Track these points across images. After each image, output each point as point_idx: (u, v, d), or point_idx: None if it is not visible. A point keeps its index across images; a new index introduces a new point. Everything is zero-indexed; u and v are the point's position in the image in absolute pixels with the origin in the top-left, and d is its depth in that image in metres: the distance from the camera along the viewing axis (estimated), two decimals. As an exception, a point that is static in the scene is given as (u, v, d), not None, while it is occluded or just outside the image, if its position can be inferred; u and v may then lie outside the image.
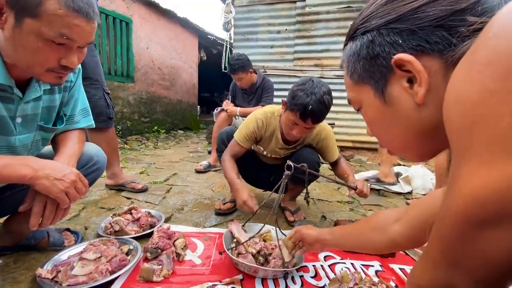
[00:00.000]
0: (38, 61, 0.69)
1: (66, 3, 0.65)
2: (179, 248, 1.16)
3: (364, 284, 1.00)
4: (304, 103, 1.24)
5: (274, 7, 4.66)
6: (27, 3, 0.63)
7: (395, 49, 0.40)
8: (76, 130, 1.07)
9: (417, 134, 0.43)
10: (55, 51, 0.68)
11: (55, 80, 0.75)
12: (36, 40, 0.65)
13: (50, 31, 0.65)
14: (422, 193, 2.38)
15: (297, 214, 1.63)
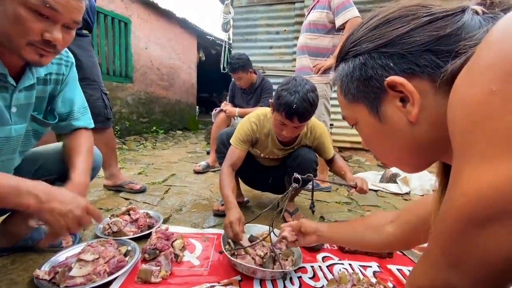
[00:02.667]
0: (19, 31, 0.66)
1: None
2: (177, 249, 1.16)
3: (362, 285, 1.00)
4: (288, 102, 1.24)
5: (273, 8, 4.67)
6: None
7: (387, 71, 0.42)
8: (85, 133, 1.06)
9: (411, 149, 0.45)
10: (38, 22, 0.66)
11: (36, 56, 0.73)
12: (19, 7, 0.63)
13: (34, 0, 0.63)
14: (419, 194, 2.39)
15: (296, 215, 1.64)
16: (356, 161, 3.86)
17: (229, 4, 4.80)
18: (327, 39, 2.24)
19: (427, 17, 0.40)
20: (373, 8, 1.86)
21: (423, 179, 2.52)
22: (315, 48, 2.26)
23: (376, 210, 1.97)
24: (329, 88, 2.28)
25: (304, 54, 2.35)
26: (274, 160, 1.65)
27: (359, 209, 1.96)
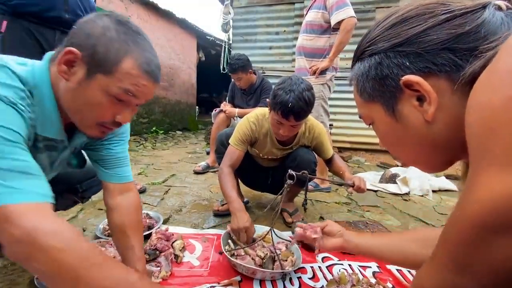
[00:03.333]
0: (94, 115, 0.67)
1: (141, 66, 0.64)
2: (177, 249, 1.16)
3: (361, 285, 1.01)
4: (283, 101, 1.25)
5: (272, 9, 4.67)
6: (105, 61, 0.62)
7: (403, 70, 0.41)
8: (135, 191, 0.96)
9: (428, 148, 0.45)
10: (114, 107, 0.67)
11: (100, 134, 0.73)
12: (101, 95, 0.64)
13: (117, 88, 0.63)
14: (419, 194, 2.40)
15: (295, 216, 1.64)
16: (356, 161, 3.86)
17: (229, 5, 4.81)
18: (323, 40, 2.24)
19: (445, 14, 0.39)
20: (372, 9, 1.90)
21: (423, 179, 2.53)
22: (311, 49, 2.27)
23: (375, 210, 1.98)
24: (326, 88, 2.28)
25: (301, 55, 2.35)
26: (273, 161, 1.66)
27: (358, 209, 1.97)
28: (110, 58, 0.62)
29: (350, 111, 4.43)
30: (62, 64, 0.62)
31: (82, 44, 0.61)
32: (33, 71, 0.63)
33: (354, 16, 2.08)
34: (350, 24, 2.08)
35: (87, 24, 0.64)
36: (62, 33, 1.55)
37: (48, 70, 0.66)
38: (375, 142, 4.36)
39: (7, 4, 1.39)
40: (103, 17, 0.65)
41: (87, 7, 1.64)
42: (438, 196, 2.43)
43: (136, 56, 0.64)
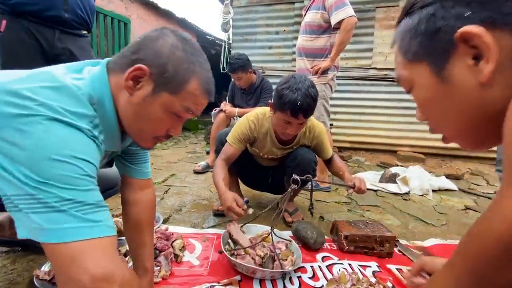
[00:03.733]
0: (153, 130, 0.69)
1: (204, 86, 0.66)
2: (177, 249, 1.16)
3: (361, 284, 1.01)
4: (292, 100, 1.26)
5: (272, 8, 4.67)
6: (173, 81, 0.62)
7: (461, 22, 0.36)
8: (153, 188, 0.97)
9: (476, 118, 0.39)
10: (170, 122, 0.68)
11: (151, 146, 0.75)
12: (163, 111, 0.64)
13: (180, 106, 0.65)
14: (419, 194, 2.40)
15: (295, 215, 1.64)
16: (355, 161, 3.86)
17: (229, 4, 4.80)
18: (323, 40, 2.24)
19: None
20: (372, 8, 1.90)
21: (423, 179, 2.53)
22: (312, 49, 2.26)
23: (375, 209, 1.98)
24: (328, 88, 2.28)
25: (301, 56, 2.35)
26: (273, 160, 1.65)
27: (358, 209, 1.97)
28: (178, 78, 0.63)
29: (351, 111, 4.43)
30: (130, 80, 0.61)
31: (150, 61, 0.61)
32: (92, 84, 0.61)
33: (354, 15, 2.08)
34: (351, 23, 2.08)
35: (156, 41, 0.63)
36: (62, 32, 1.54)
37: (108, 82, 0.64)
38: (375, 142, 4.36)
39: (6, 3, 1.38)
40: (170, 34, 0.65)
41: (87, 6, 1.63)
42: (438, 195, 2.43)
43: (199, 77, 0.65)
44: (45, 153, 0.47)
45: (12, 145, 0.47)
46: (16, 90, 0.49)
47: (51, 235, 0.46)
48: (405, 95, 4.20)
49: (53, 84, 0.54)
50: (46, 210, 0.46)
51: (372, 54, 4.26)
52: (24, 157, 0.46)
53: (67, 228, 0.47)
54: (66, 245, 0.46)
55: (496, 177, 2.47)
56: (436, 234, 1.61)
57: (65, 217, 0.47)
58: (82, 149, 0.52)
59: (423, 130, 4.16)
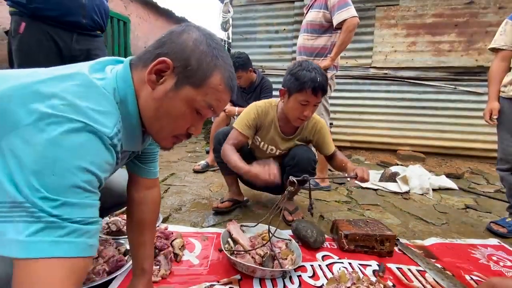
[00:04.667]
0: (174, 127, 0.66)
1: (227, 81, 0.65)
2: (176, 248, 1.16)
3: (361, 283, 1.00)
4: (312, 78, 1.32)
5: (272, 7, 4.66)
6: (196, 74, 0.61)
7: None
8: (159, 188, 0.95)
9: None
10: (191, 119, 0.66)
11: (170, 145, 0.72)
12: (185, 107, 0.63)
13: (202, 102, 0.63)
14: (419, 193, 2.39)
15: (295, 214, 1.64)
16: (356, 160, 3.86)
17: (228, 3, 4.79)
18: (325, 39, 2.23)
19: None
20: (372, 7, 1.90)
21: (423, 178, 2.53)
22: (312, 48, 2.26)
23: (375, 209, 1.98)
24: (328, 88, 2.27)
25: (301, 55, 2.34)
26: (273, 158, 1.65)
27: (358, 208, 1.96)
28: (201, 71, 0.61)
29: (351, 110, 4.42)
30: (153, 73, 0.60)
31: (174, 55, 0.60)
32: (116, 83, 0.60)
33: (356, 15, 2.07)
34: (353, 24, 2.07)
35: (180, 36, 0.63)
36: (79, 35, 1.64)
37: (132, 79, 0.62)
38: (375, 141, 4.36)
39: (27, 7, 1.46)
40: (193, 29, 0.64)
41: (102, 11, 1.73)
42: (438, 194, 2.43)
43: (223, 71, 0.64)
44: (51, 159, 0.44)
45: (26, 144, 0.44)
46: (43, 89, 0.48)
47: (23, 249, 0.42)
48: (405, 94, 4.20)
49: (81, 82, 0.52)
50: (29, 220, 0.42)
51: (372, 53, 4.26)
52: (31, 160, 0.43)
53: (40, 243, 0.42)
54: (31, 264, 0.42)
55: (496, 176, 2.47)
56: (436, 233, 1.60)
57: (45, 230, 0.43)
58: (93, 159, 0.48)
59: (423, 129, 4.16)
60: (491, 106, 1.65)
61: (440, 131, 4.10)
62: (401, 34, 4.14)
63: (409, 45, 4.14)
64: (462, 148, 4.03)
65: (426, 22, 4.03)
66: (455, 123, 4.04)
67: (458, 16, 3.91)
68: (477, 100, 3.89)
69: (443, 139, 4.10)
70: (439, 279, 1.11)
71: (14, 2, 1.46)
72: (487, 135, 3.76)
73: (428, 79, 4.08)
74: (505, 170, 1.67)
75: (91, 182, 0.48)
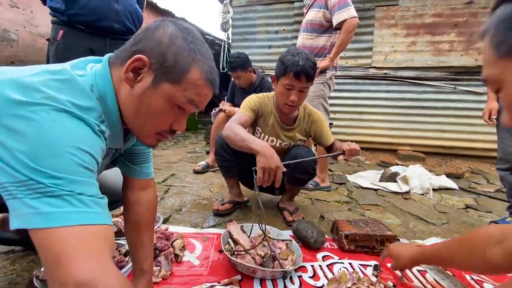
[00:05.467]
0: (155, 124, 0.66)
1: (206, 75, 0.64)
2: (177, 249, 1.16)
3: (362, 283, 1.00)
4: (294, 61, 1.35)
5: (272, 7, 4.66)
6: (174, 70, 0.61)
7: None
8: (154, 188, 0.95)
9: None
10: (173, 115, 0.65)
11: (156, 142, 0.72)
12: (165, 103, 0.62)
13: (183, 97, 0.62)
14: (419, 193, 2.39)
15: (296, 214, 1.64)
16: (355, 160, 3.86)
17: (228, 4, 4.80)
18: (324, 39, 2.23)
19: None
20: (372, 7, 1.90)
21: (423, 178, 2.53)
22: (312, 48, 2.25)
23: (376, 209, 1.98)
24: (326, 87, 2.27)
25: None
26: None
27: (359, 208, 1.96)
28: (179, 67, 0.61)
29: (351, 110, 4.43)
30: (130, 71, 0.60)
31: (150, 52, 0.60)
32: (95, 79, 0.61)
33: (356, 16, 2.07)
34: (353, 24, 2.07)
35: (154, 31, 0.62)
36: (112, 39, 1.73)
37: (111, 77, 0.63)
38: (375, 141, 4.36)
39: (65, 13, 1.58)
40: (169, 24, 0.63)
41: (135, 18, 1.81)
42: (438, 194, 2.43)
43: (201, 65, 0.63)
44: (47, 142, 0.46)
45: (12, 132, 0.45)
46: (26, 81, 0.49)
47: (43, 219, 0.44)
48: (405, 94, 4.21)
49: (63, 77, 0.53)
50: (41, 195, 0.44)
51: (372, 53, 4.26)
52: (24, 145, 0.44)
53: (60, 213, 0.44)
54: (56, 232, 0.44)
55: (496, 176, 2.47)
56: (437, 233, 1.61)
57: (61, 202, 0.45)
58: (87, 142, 0.50)
59: (423, 129, 4.16)
60: (490, 106, 1.66)
61: (440, 130, 4.10)
62: (400, 34, 4.15)
63: (408, 45, 4.14)
64: (462, 148, 4.03)
65: (425, 22, 4.03)
66: (455, 123, 4.04)
67: (458, 16, 3.92)
68: (477, 99, 3.90)
69: (443, 139, 4.10)
70: (440, 279, 1.11)
71: (54, 9, 1.60)
72: (487, 134, 3.76)
73: (428, 79, 4.09)
74: (505, 170, 1.67)
75: (90, 163, 0.50)
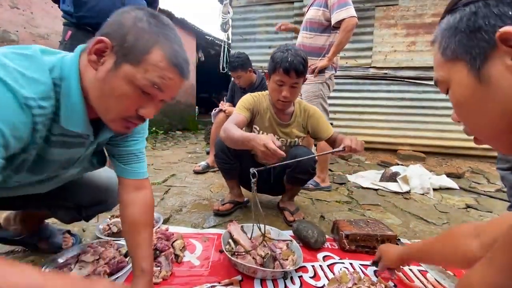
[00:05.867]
0: (119, 108, 0.66)
1: (169, 58, 0.64)
2: (177, 249, 1.16)
3: (363, 284, 1.00)
4: (283, 58, 1.37)
5: (271, 8, 4.67)
6: (134, 51, 0.61)
7: (502, 21, 0.36)
8: (150, 189, 0.94)
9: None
10: (139, 100, 0.66)
11: (123, 129, 0.72)
12: (127, 85, 0.63)
13: (144, 79, 0.63)
14: (420, 193, 2.39)
15: (296, 214, 1.63)
16: (356, 160, 3.86)
17: (228, 4, 4.80)
18: (323, 38, 2.23)
19: None
20: (372, 7, 1.90)
21: (423, 178, 2.53)
22: (311, 47, 2.25)
23: (376, 209, 1.97)
24: (325, 87, 2.27)
25: None
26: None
27: (359, 208, 1.96)
28: (139, 48, 0.61)
29: (351, 110, 4.43)
30: (93, 54, 0.61)
31: (113, 34, 0.61)
32: (62, 61, 0.63)
33: (355, 16, 2.07)
34: (351, 23, 2.07)
35: (120, 15, 0.64)
36: None
37: (78, 61, 0.65)
38: (375, 141, 4.36)
39: (73, 15, 1.66)
40: (136, 9, 0.65)
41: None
42: (439, 194, 2.43)
43: (164, 48, 0.63)
44: None
45: None
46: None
47: None
48: (405, 94, 4.21)
49: (24, 52, 0.56)
50: None
51: (371, 53, 4.26)
52: None
53: None
54: None
55: (496, 175, 2.47)
56: (437, 233, 1.60)
57: None
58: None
59: (423, 129, 4.16)
60: None
61: (440, 130, 4.10)
62: (400, 34, 4.15)
63: (408, 45, 4.14)
64: (462, 148, 4.03)
65: (425, 22, 4.04)
66: (455, 123, 4.04)
67: (458, 16, 3.91)
68: (477, 99, 3.89)
69: (443, 139, 4.10)
70: (441, 279, 1.11)
71: (65, 12, 1.70)
72: (488, 134, 3.76)
73: (428, 78, 4.09)
74: (506, 169, 1.66)
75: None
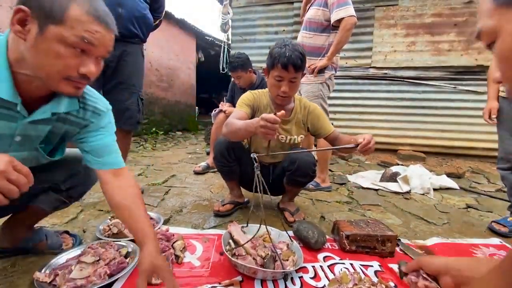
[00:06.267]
0: (57, 68, 0.69)
1: (89, 11, 0.67)
2: (178, 250, 1.16)
3: (363, 284, 1.00)
4: (281, 53, 1.37)
5: (271, 8, 4.67)
6: (52, 11, 0.64)
7: None
8: (130, 174, 0.99)
9: None
10: (75, 58, 0.69)
11: (73, 90, 0.75)
12: (58, 45, 0.66)
13: (72, 36, 0.66)
14: (420, 193, 2.39)
15: (297, 215, 1.63)
16: (356, 160, 3.86)
17: (228, 5, 4.80)
18: (323, 38, 2.23)
19: None
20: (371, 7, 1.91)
21: (424, 178, 2.53)
22: (310, 47, 2.25)
23: (376, 209, 1.97)
24: (325, 87, 2.27)
25: None
26: (273, 158, 1.64)
27: (359, 209, 1.96)
28: (56, 7, 0.65)
29: (351, 110, 4.43)
30: (16, 24, 0.64)
31: (30, 2, 0.64)
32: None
33: (354, 15, 2.07)
34: (350, 23, 2.07)
35: None
36: (116, 41, 1.75)
37: (7, 37, 0.70)
38: (375, 141, 4.36)
39: None
40: None
41: (142, 23, 1.81)
42: (439, 194, 2.43)
43: (81, 3, 0.67)
44: None
45: None
46: None
47: None
48: (405, 94, 4.21)
49: None
50: None
51: (371, 53, 4.26)
52: None
53: None
54: None
55: (497, 175, 2.47)
56: (438, 233, 1.60)
57: None
58: None
59: (424, 129, 4.16)
60: (490, 105, 1.65)
61: (441, 130, 4.10)
62: (400, 34, 4.15)
63: (408, 45, 4.14)
64: (462, 148, 4.03)
65: (425, 22, 4.04)
66: (455, 123, 4.04)
67: (457, 16, 3.92)
68: (477, 99, 3.90)
69: (443, 139, 4.10)
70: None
71: None
72: (488, 134, 3.76)
73: (428, 78, 4.09)
74: (506, 169, 1.66)
75: None
